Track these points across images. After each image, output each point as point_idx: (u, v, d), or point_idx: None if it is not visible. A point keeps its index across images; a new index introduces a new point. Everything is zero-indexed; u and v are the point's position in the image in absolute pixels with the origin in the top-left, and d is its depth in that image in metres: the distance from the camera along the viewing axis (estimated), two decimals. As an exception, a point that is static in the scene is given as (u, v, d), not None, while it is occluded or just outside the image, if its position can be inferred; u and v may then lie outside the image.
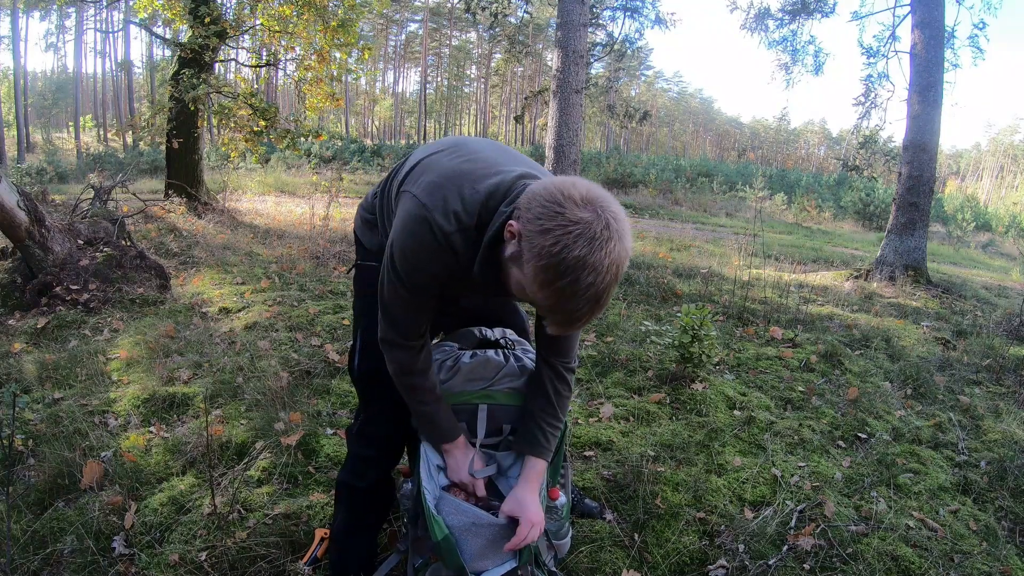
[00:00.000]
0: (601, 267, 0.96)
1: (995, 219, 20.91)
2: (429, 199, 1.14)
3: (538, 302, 1.05)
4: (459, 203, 1.13)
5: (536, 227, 0.98)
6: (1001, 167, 55.60)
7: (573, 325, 1.06)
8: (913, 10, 6.78)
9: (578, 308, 1.00)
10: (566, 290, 0.98)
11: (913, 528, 1.94)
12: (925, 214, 6.60)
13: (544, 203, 0.99)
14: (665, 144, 58.56)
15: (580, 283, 0.97)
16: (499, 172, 1.16)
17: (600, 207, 0.98)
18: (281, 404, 2.48)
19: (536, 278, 1.00)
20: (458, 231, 1.13)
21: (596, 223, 0.96)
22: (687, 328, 2.97)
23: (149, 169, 15.89)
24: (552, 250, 0.96)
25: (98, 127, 36.11)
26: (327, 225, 6.93)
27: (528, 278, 1.02)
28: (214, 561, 1.61)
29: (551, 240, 0.96)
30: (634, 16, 13.33)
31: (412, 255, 1.17)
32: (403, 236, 1.17)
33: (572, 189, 0.99)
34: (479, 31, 40.80)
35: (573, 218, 0.96)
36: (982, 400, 3.15)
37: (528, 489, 1.35)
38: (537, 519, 1.32)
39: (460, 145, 1.27)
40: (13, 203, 3.62)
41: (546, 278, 0.99)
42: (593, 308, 1.01)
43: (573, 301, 0.99)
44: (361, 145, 24.20)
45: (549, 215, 0.98)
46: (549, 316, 1.07)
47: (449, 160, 1.21)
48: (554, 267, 0.97)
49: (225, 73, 19.70)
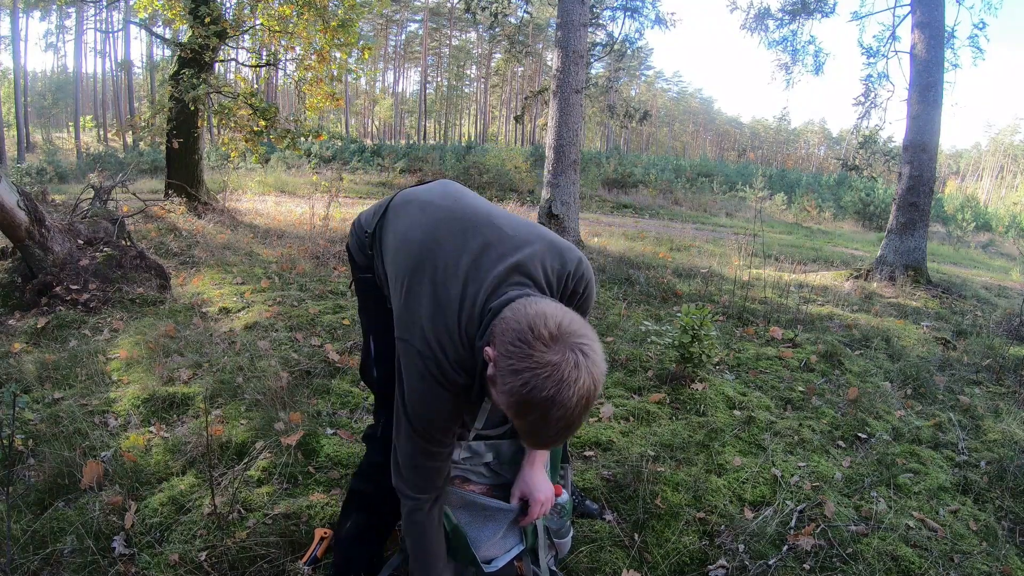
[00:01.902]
0: (570, 404, 1.00)
1: (995, 219, 20.92)
2: (431, 353, 1.16)
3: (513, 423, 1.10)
4: (453, 351, 1.16)
5: (507, 365, 1.02)
6: (1001, 167, 55.60)
7: (544, 446, 1.17)
8: (913, 10, 6.79)
9: (549, 434, 1.05)
10: (537, 422, 1.03)
11: (913, 528, 1.94)
12: (925, 214, 6.60)
13: (515, 342, 1.02)
14: (665, 144, 58.55)
15: (550, 417, 1.01)
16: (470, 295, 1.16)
17: (570, 345, 1.01)
18: (281, 404, 2.48)
19: (509, 409, 1.05)
20: (468, 376, 1.18)
21: (564, 365, 0.99)
22: (687, 328, 2.97)
23: (149, 169, 15.89)
24: (522, 391, 1.00)
25: (98, 127, 36.09)
26: (327, 225, 6.93)
27: (502, 404, 1.07)
28: (214, 561, 1.61)
29: (520, 382, 1.00)
30: (634, 16, 13.33)
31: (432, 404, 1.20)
32: (418, 390, 1.20)
33: (542, 327, 1.01)
34: (479, 31, 40.80)
35: (542, 361, 0.99)
36: (982, 400, 3.15)
37: (535, 470, 1.43)
38: (546, 496, 1.41)
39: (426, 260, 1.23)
40: (13, 203, 3.62)
41: (517, 411, 1.04)
42: (564, 433, 1.06)
43: (544, 429, 1.04)
44: (361, 145, 24.20)
45: (519, 356, 1.01)
46: (522, 437, 1.13)
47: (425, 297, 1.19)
48: (524, 404, 1.01)
49: (225, 73, 19.70)
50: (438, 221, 1.28)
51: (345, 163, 19.64)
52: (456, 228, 1.25)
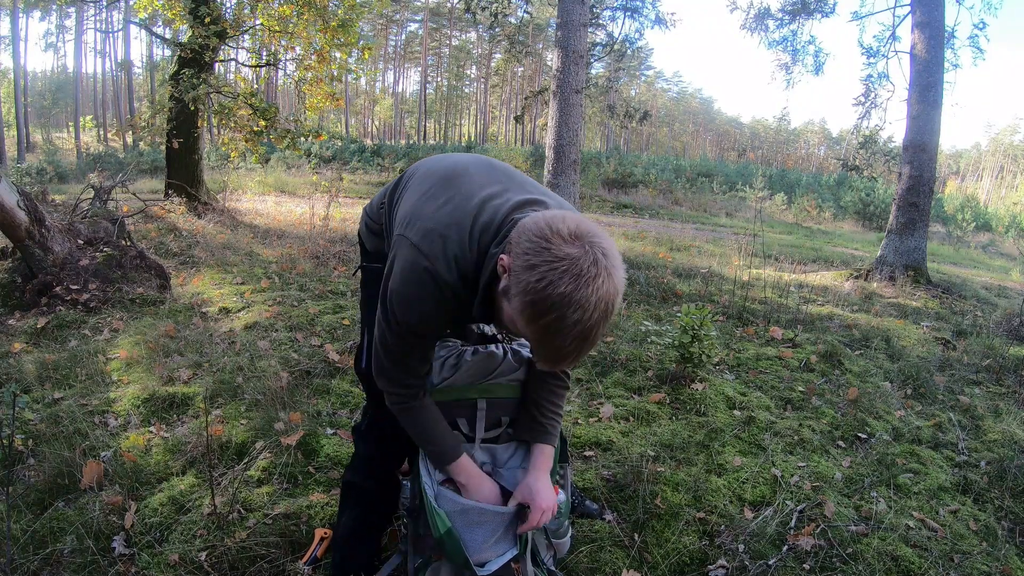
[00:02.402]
0: (588, 304, 0.94)
1: (995, 219, 20.92)
2: (428, 247, 1.13)
3: (527, 337, 1.04)
4: (457, 248, 1.12)
5: (523, 263, 0.97)
6: (1001, 167, 55.60)
7: (560, 362, 1.04)
8: (913, 10, 6.79)
9: (565, 345, 0.98)
10: (551, 327, 0.96)
11: (913, 528, 1.94)
12: (925, 214, 6.60)
13: (532, 238, 0.98)
14: (665, 144, 58.54)
15: (566, 320, 0.95)
16: (492, 207, 1.15)
17: (589, 242, 0.97)
18: (281, 404, 2.48)
19: (523, 313, 0.99)
20: (460, 279, 1.13)
21: (583, 259, 0.95)
22: (687, 328, 2.97)
23: (149, 169, 15.90)
24: (537, 286, 0.95)
25: (98, 127, 36.09)
26: (327, 225, 6.93)
27: (515, 312, 1.01)
28: (214, 561, 1.61)
29: (536, 276, 0.95)
30: (634, 16, 13.32)
31: (415, 305, 1.16)
32: (404, 287, 1.16)
33: (560, 224, 0.98)
34: (479, 31, 40.80)
35: (559, 254, 0.95)
36: (982, 400, 3.15)
37: (539, 476, 1.37)
38: (548, 504, 1.34)
39: (453, 177, 1.24)
40: (13, 203, 3.62)
41: (532, 313, 0.97)
42: (581, 345, 0.99)
43: (559, 338, 0.97)
44: (361, 145, 24.22)
45: (536, 251, 0.96)
46: (536, 352, 1.06)
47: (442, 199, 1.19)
48: (539, 303, 0.95)
49: (225, 73, 19.71)
50: (467, 158, 1.32)
51: (345, 163, 19.66)
52: (485, 164, 1.29)
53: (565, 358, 1.02)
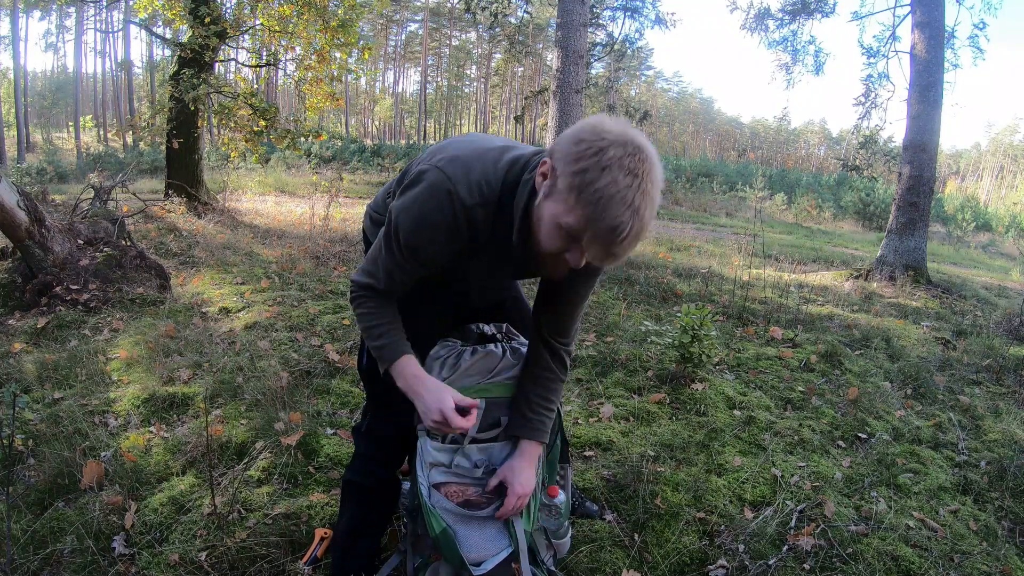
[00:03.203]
0: (638, 171, 0.96)
1: (995, 219, 20.94)
2: (452, 170, 1.13)
3: (574, 223, 1.00)
4: (482, 175, 1.13)
5: (569, 142, 1.01)
6: (1001, 167, 55.60)
7: (615, 240, 0.99)
8: (913, 10, 6.79)
9: (618, 215, 0.96)
10: (605, 191, 0.96)
11: (913, 528, 1.94)
12: (925, 214, 6.60)
13: (576, 128, 1.03)
14: (665, 144, 58.52)
15: (618, 183, 0.95)
16: (516, 149, 1.19)
17: (633, 131, 1.01)
18: (281, 404, 2.48)
19: (572, 188, 0.98)
20: (480, 204, 1.13)
21: (627, 136, 0.98)
22: (687, 328, 2.97)
23: (149, 169, 15.90)
24: (586, 152, 0.97)
25: (98, 127, 36.11)
26: (327, 225, 6.93)
27: (563, 194, 1.00)
28: (214, 561, 1.61)
29: (585, 146, 0.98)
30: (634, 16, 13.31)
31: (425, 224, 1.15)
32: (417, 204, 1.14)
33: (606, 119, 1.03)
34: (479, 31, 40.81)
35: (606, 129, 0.99)
36: (982, 400, 3.15)
37: (522, 462, 1.36)
38: (524, 490, 1.33)
39: (472, 135, 1.30)
40: (13, 203, 3.62)
41: (582, 181, 0.97)
42: (633, 219, 0.97)
43: (612, 206, 0.96)
44: (361, 145, 24.22)
45: (582, 132, 1.00)
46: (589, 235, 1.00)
47: (467, 139, 1.23)
48: (590, 167, 0.96)
49: (225, 73, 19.72)
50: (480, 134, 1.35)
51: (345, 163, 19.66)
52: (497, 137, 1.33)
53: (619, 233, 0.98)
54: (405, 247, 1.18)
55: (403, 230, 1.17)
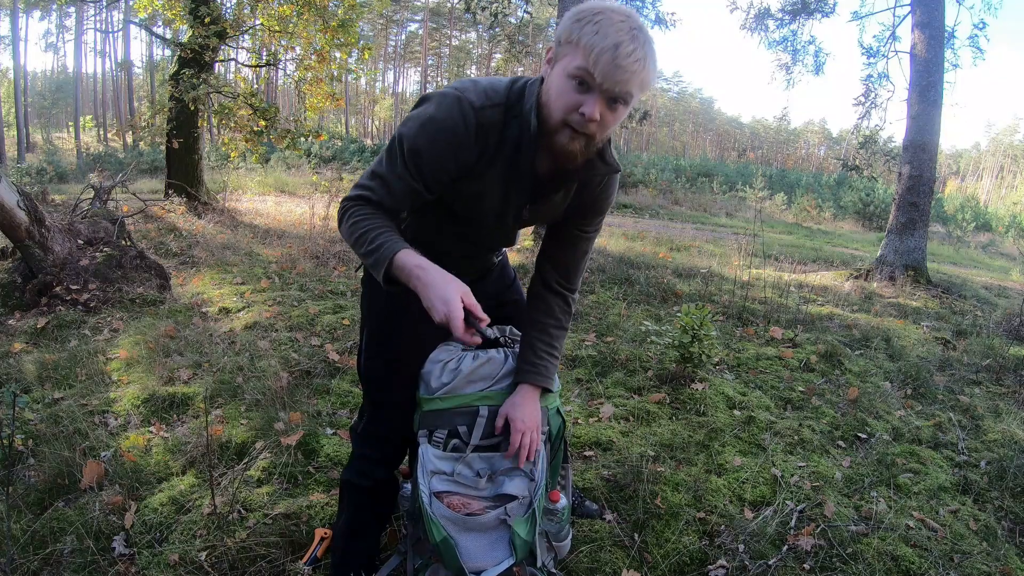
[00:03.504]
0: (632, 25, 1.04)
1: (995, 219, 20.94)
2: (459, 84, 1.16)
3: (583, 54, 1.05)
4: (488, 83, 1.17)
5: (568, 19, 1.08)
6: (1001, 167, 55.58)
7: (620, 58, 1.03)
8: (913, 10, 6.79)
9: (619, 37, 1.03)
10: (603, 22, 1.03)
11: (913, 528, 1.94)
12: (925, 214, 6.60)
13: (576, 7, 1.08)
14: (665, 144, 58.52)
15: (612, 20, 1.03)
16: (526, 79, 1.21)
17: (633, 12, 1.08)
18: (281, 404, 2.48)
19: (574, 32, 1.05)
20: (489, 106, 1.14)
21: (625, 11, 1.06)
22: (687, 328, 2.97)
23: (149, 169, 15.90)
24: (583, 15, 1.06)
25: (98, 127, 36.11)
26: (327, 225, 6.93)
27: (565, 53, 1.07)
28: (214, 561, 1.61)
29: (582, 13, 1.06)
30: (634, 16, 13.29)
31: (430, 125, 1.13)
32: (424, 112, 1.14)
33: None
34: (479, 31, 40.79)
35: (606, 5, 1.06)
36: (982, 400, 3.15)
37: (524, 398, 1.35)
38: (526, 425, 1.32)
39: None
40: (13, 203, 3.62)
41: (581, 20, 1.05)
42: (632, 40, 1.03)
43: (612, 31, 1.03)
44: (361, 145, 24.22)
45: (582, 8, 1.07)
46: (594, 55, 1.04)
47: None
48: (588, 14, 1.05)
49: (225, 73, 19.71)
50: None
51: (345, 163, 19.63)
52: None
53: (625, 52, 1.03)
54: (409, 151, 1.14)
55: (408, 135, 1.14)
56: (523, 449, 1.34)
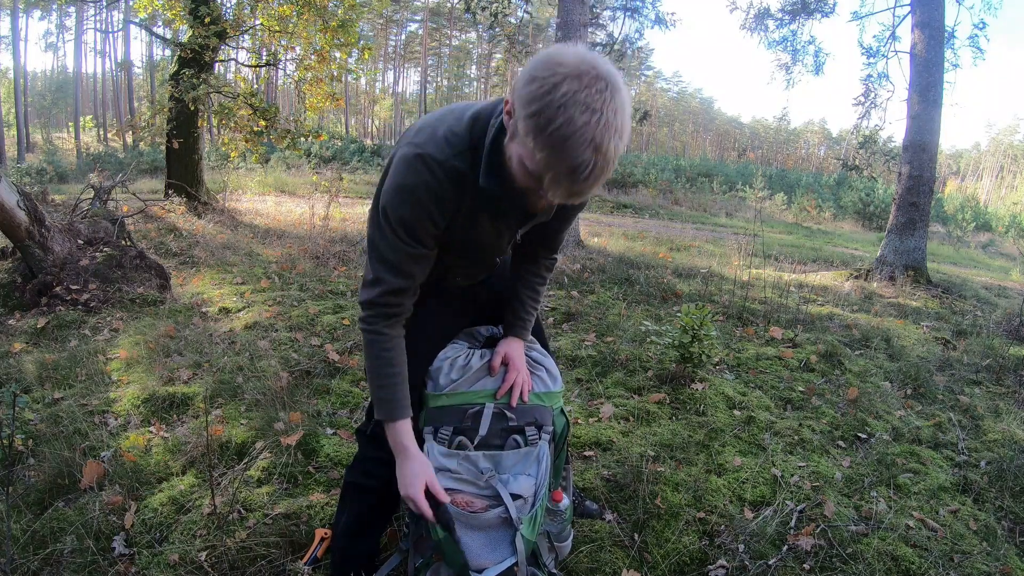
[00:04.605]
0: (595, 104, 0.91)
1: (995, 219, 20.95)
2: (419, 139, 1.15)
3: (538, 165, 0.98)
4: (447, 130, 1.14)
5: (524, 80, 0.97)
6: (1001, 167, 55.58)
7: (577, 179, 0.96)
8: (913, 10, 6.79)
9: (578, 155, 0.93)
10: (562, 131, 0.92)
11: (913, 528, 1.94)
12: (925, 214, 6.60)
13: (532, 62, 0.98)
14: (665, 144, 58.53)
15: (575, 122, 0.91)
16: (480, 104, 1.19)
17: (591, 58, 0.95)
18: (281, 404, 2.48)
19: (529, 131, 0.95)
20: (453, 156, 1.13)
21: (583, 65, 0.93)
22: (687, 328, 2.97)
23: (149, 169, 15.90)
24: (539, 92, 0.93)
25: (98, 127, 36.09)
26: (327, 225, 6.94)
27: (522, 137, 0.98)
28: (214, 561, 1.61)
29: (538, 84, 0.94)
30: (634, 16, 13.30)
31: (408, 196, 1.15)
32: (396, 179, 1.16)
33: (562, 47, 0.98)
34: (479, 31, 40.78)
35: (560, 62, 0.94)
36: (982, 400, 3.15)
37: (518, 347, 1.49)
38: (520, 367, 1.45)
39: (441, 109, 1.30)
40: (13, 203, 3.62)
41: (538, 123, 0.93)
42: (595, 156, 0.94)
43: (571, 145, 0.93)
44: (361, 145, 24.22)
45: (536, 67, 0.96)
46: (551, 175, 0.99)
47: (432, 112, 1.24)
48: (544, 108, 0.92)
49: (225, 73, 19.69)
50: None
51: (345, 163, 19.65)
52: None
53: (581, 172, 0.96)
54: (398, 226, 1.17)
55: (391, 209, 1.16)
56: (516, 387, 1.43)
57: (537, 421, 1.46)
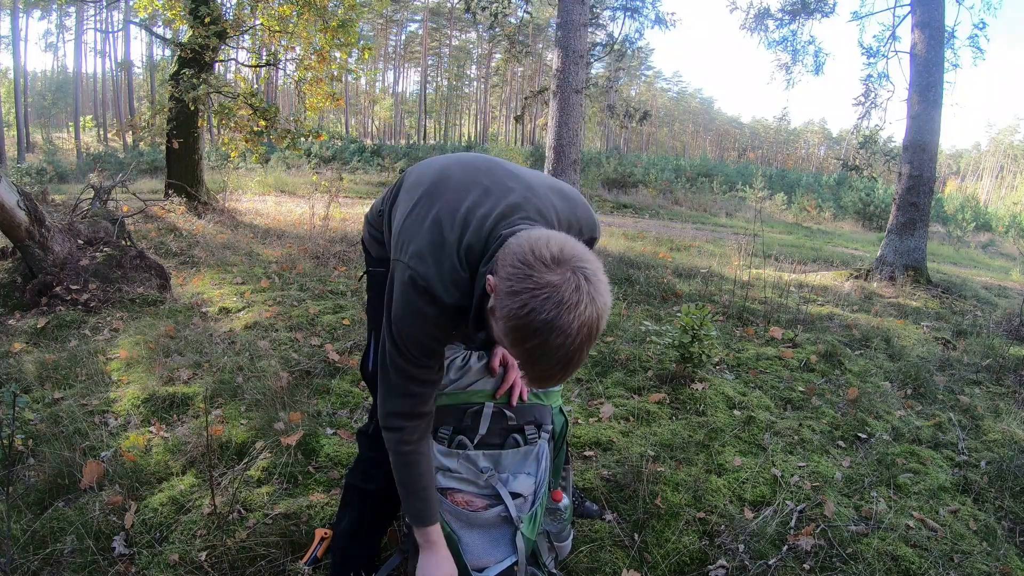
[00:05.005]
0: (570, 330, 0.95)
1: (995, 219, 20.94)
2: (424, 270, 1.14)
3: (514, 358, 1.08)
4: (450, 271, 1.14)
5: (506, 288, 0.99)
6: (1001, 167, 55.56)
7: (547, 383, 1.05)
8: (913, 10, 6.79)
9: (549, 368, 1.00)
10: (535, 351, 0.98)
11: (913, 528, 1.94)
12: (925, 214, 6.60)
13: (515, 263, 0.99)
14: (665, 144, 58.53)
15: (549, 344, 0.96)
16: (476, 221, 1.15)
17: (572, 268, 0.97)
18: (281, 404, 2.48)
19: (507, 336, 1.01)
20: (461, 297, 1.15)
21: (565, 286, 0.95)
22: (687, 328, 2.97)
23: (149, 169, 15.89)
24: (519, 313, 0.96)
25: (98, 127, 36.11)
26: (327, 225, 6.94)
27: (501, 335, 1.03)
28: (214, 561, 1.61)
29: (518, 303, 0.96)
30: (634, 16, 13.32)
31: (419, 325, 1.18)
32: (405, 308, 1.17)
33: (544, 249, 0.98)
34: (479, 31, 40.76)
35: (541, 282, 0.96)
36: (982, 400, 3.15)
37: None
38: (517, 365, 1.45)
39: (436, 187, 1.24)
40: (13, 203, 3.62)
41: (515, 338, 0.99)
42: (565, 368, 1.00)
43: (543, 361, 0.99)
44: (361, 145, 24.21)
45: (519, 277, 0.97)
46: (522, 371, 1.07)
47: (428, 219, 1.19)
48: (522, 328, 0.97)
49: (225, 73, 19.68)
50: (452, 161, 1.32)
51: (345, 163, 19.65)
52: (469, 166, 1.27)
53: (551, 379, 1.04)
54: (416, 346, 1.20)
55: (405, 333, 1.19)
56: (516, 387, 1.43)
57: (536, 420, 1.47)
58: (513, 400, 1.43)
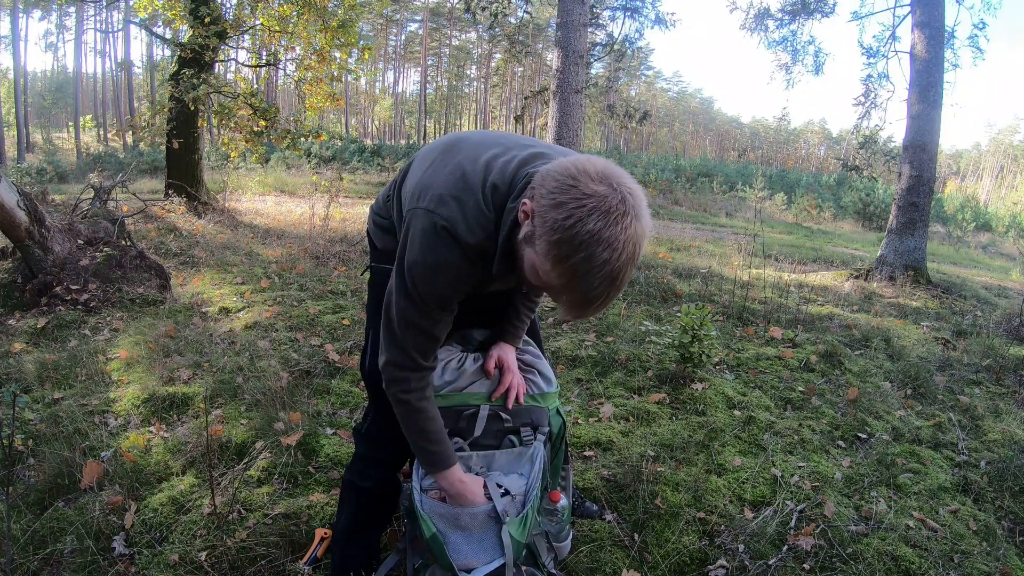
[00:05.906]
0: (617, 243, 0.93)
1: (995, 219, 20.93)
2: (446, 211, 1.11)
3: (551, 283, 1.01)
4: (475, 211, 1.11)
5: (549, 201, 0.96)
6: (1001, 167, 55.56)
7: (588, 307, 1.00)
8: (913, 10, 6.79)
9: (593, 287, 0.96)
10: (580, 267, 0.94)
11: (913, 528, 1.94)
12: (925, 214, 6.60)
13: (558, 178, 0.97)
14: (665, 144, 58.52)
15: (595, 259, 0.93)
16: (499, 165, 1.14)
17: (616, 182, 0.95)
18: (281, 404, 2.48)
19: (549, 255, 0.97)
20: (485, 238, 1.11)
21: (611, 197, 0.93)
22: (687, 328, 2.97)
23: (149, 169, 15.89)
24: (565, 224, 0.93)
25: (98, 127, 36.11)
26: (327, 225, 6.94)
27: (541, 256, 0.99)
28: (214, 561, 1.61)
29: (564, 214, 0.93)
30: (634, 16, 13.32)
31: (441, 272, 1.13)
32: (425, 254, 1.13)
33: (588, 164, 0.97)
34: (479, 31, 40.76)
35: (587, 191, 0.93)
36: (982, 400, 3.15)
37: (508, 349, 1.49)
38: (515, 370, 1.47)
39: (453, 145, 1.24)
40: (13, 203, 3.62)
41: (559, 253, 0.95)
42: (609, 288, 0.97)
43: (588, 279, 0.95)
44: (361, 145, 24.20)
45: (562, 189, 0.95)
46: (563, 298, 1.02)
47: (448, 167, 1.17)
48: (567, 241, 0.93)
49: (225, 73, 19.70)
50: (464, 133, 1.32)
51: (345, 163, 19.64)
52: (482, 132, 1.29)
53: (593, 302, 0.99)
54: (430, 297, 1.16)
55: (422, 283, 1.15)
56: (512, 390, 1.43)
57: (533, 422, 1.47)
58: (509, 403, 1.43)
